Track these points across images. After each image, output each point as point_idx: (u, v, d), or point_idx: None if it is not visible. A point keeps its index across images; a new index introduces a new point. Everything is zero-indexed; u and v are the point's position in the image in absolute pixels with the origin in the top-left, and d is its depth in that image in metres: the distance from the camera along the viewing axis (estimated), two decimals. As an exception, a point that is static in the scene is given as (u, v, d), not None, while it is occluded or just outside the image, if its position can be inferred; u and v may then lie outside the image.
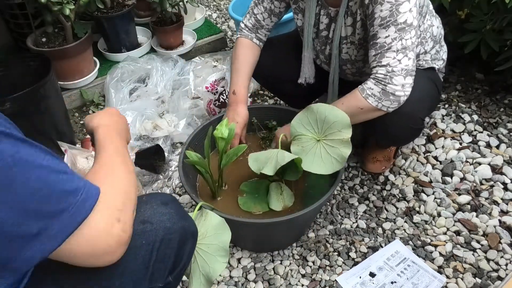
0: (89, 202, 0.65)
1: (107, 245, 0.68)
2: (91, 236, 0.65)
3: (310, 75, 1.53)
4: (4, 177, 0.56)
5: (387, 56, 1.19)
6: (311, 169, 1.24)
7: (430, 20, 1.39)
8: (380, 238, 1.47)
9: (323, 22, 1.40)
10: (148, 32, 2.47)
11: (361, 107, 1.24)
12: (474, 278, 1.32)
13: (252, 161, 1.27)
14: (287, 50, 1.59)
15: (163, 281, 0.85)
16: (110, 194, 0.71)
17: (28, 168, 0.58)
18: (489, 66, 1.91)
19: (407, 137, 1.46)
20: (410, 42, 1.19)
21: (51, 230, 0.61)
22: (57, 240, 0.62)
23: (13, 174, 0.56)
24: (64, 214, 0.62)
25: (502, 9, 1.66)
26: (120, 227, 0.69)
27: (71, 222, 0.63)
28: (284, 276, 1.39)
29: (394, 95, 1.20)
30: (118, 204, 0.71)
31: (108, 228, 0.67)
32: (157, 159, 1.75)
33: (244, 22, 1.53)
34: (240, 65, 1.49)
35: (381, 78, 1.20)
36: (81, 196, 0.64)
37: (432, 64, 1.45)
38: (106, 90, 2.10)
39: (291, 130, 1.32)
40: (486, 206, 1.51)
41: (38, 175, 0.59)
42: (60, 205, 0.62)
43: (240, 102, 1.46)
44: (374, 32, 1.22)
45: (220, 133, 1.34)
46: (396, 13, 1.17)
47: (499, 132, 1.76)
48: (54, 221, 0.61)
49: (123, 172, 0.80)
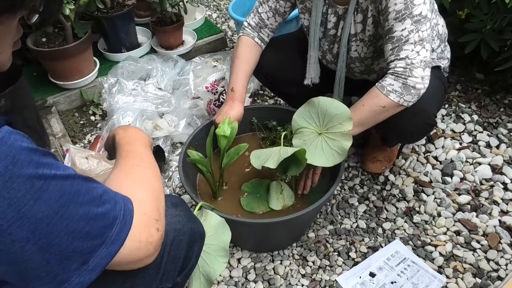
0: (124, 232, 0.65)
1: (147, 254, 0.69)
2: (132, 249, 0.67)
3: (316, 75, 1.53)
4: (48, 223, 0.56)
5: (405, 49, 1.19)
6: (312, 161, 1.25)
7: (436, 19, 1.39)
8: (380, 238, 1.47)
9: (331, 21, 1.40)
10: (148, 32, 2.47)
11: (383, 105, 1.23)
12: (474, 278, 1.32)
13: (254, 158, 1.27)
14: (291, 50, 1.58)
15: (172, 281, 0.86)
16: (146, 204, 0.72)
17: (71, 211, 0.58)
18: (489, 66, 1.91)
19: (420, 133, 1.45)
20: (426, 34, 1.19)
21: (89, 265, 0.62)
22: (95, 272, 0.63)
23: (57, 220, 0.57)
24: (102, 247, 0.63)
25: (502, 9, 1.66)
26: (159, 235, 0.71)
27: (109, 253, 0.64)
28: (284, 276, 1.39)
29: (415, 88, 1.20)
30: (155, 214, 0.72)
31: (148, 240, 0.69)
32: (158, 160, 1.74)
33: (247, 21, 1.52)
34: (240, 64, 1.48)
35: (400, 72, 1.19)
36: (116, 227, 0.65)
37: (438, 63, 1.45)
38: (106, 90, 2.10)
39: (293, 124, 1.33)
40: (486, 206, 1.51)
41: (80, 216, 0.60)
42: (98, 240, 0.62)
43: (237, 100, 1.46)
44: (389, 27, 1.21)
45: (222, 131, 1.34)
46: (411, 6, 1.17)
47: (499, 132, 1.76)
48: (92, 256, 0.62)
49: (152, 177, 0.80)
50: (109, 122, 1.90)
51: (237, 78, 1.47)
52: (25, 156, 0.54)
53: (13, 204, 0.53)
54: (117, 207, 0.66)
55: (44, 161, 0.57)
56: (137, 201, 0.70)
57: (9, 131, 0.55)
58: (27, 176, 0.54)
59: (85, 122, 2.10)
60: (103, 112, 2.13)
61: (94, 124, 2.09)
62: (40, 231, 0.55)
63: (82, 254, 0.61)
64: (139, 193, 0.73)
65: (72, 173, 0.61)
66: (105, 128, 1.87)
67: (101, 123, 2.04)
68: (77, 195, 0.60)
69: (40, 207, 0.55)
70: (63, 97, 2.14)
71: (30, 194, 0.54)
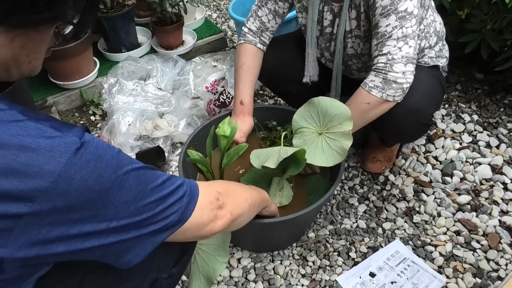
0: (192, 204, 0.75)
1: (209, 219, 0.78)
2: (196, 217, 0.75)
3: (314, 73, 1.53)
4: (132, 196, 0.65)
5: (387, 45, 1.20)
6: (313, 161, 1.25)
7: (433, 16, 1.40)
8: (380, 238, 1.47)
9: (327, 19, 1.40)
10: (148, 32, 2.47)
11: (367, 102, 1.24)
12: (474, 278, 1.32)
13: (254, 157, 1.27)
14: (291, 50, 1.59)
15: (168, 271, 0.88)
16: (212, 182, 0.86)
17: (144, 195, 0.66)
18: (489, 66, 1.91)
19: (417, 132, 1.45)
20: (411, 30, 1.19)
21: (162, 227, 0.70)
22: (165, 235, 0.71)
23: (139, 209, 0.66)
24: (174, 215, 0.71)
25: (502, 9, 1.66)
26: (219, 203, 0.81)
27: (181, 219, 0.72)
28: (284, 276, 1.39)
29: (396, 83, 1.20)
30: (219, 188, 0.84)
31: (209, 206, 0.79)
32: (158, 160, 1.75)
33: (247, 26, 1.50)
34: (245, 74, 1.48)
35: (381, 68, 1.20)
36: (186, 199, 0.73)
37: (437, 62, 1.45)
38: (106, 91, 2.10)
39: (293, 124, 1.33)
40: (486, 206, 1.51)
41: (153, 199, 0.68)
42: (171, 210, 0.70)
43: (248, 113, 1.47)
44: (375, 22, 1.22)
45: (222, 131, 1.34)
46: (396, 2, 1.18)
47: (499, 132, 1.76)
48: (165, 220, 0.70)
49: (239, 188, 0.97)
50: (109, 122, 1.90)
51: (244, 90, 1.47)
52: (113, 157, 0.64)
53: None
54: (184, 185, 0.74)
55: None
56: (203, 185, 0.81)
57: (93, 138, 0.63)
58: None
59: (85, 122, 2.10)
60: (103, 112, 2.13)
61: (94, 124, 2.09)
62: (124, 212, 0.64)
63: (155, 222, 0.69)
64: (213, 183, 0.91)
65: (142, 165, 0.70)
66: (105, 128, 1.87)
67: (101, 123, 2.04)
68: (148, 183, 0.68)
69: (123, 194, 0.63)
70: (63, 97, 2.14)
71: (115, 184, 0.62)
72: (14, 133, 0.55)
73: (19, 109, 0.58)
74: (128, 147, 1.81)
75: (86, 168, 0.58)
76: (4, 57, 0.61)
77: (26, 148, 0.54)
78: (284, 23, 1.58)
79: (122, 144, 1.81)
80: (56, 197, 0.55)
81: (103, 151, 0.61)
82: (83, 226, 0.59)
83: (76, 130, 0.59)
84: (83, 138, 0.59)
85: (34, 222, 0.55)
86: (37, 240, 0.57)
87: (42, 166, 0.54)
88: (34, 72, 0.68)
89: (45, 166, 0.54)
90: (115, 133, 1.84)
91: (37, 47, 0.65)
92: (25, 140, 0.54)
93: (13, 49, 0.61)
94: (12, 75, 0.65)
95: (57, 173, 0.55)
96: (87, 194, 0.58)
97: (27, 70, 0.66)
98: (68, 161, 0.56)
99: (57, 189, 0.55)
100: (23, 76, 0.67)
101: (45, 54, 0.68)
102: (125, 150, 1.80)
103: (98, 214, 0.60)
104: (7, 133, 0.54)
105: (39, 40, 0.64)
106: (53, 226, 0.57)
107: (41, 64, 0.69)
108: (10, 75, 0.65)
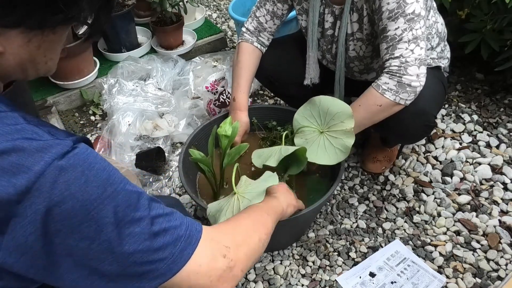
0: (188, 251, 0.65)
1: (207, 282, 0.66)
2: (189, 272, 0.65)
3: (315, 75, 1.53)
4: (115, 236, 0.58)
5: (399, 48, 1.19)
6: (315, 160, 1.25)
7: (435, 17, 1.40)
8: (380, 238, 1.47)
9: (328, 21, 1.40)
10: (148, 32, 2.47)
11: (379, 104, 1.23)
12: (474, 278, 1.32)
13: (256, 157, 1.28)
14: (292, 51, 1.58)
15: None
16: (220, 230, 0.74)
17: (131, 233, 0.59)
18: (489, 66, 1.91)
19: (420, 134, 1.45)
20: (420, 32, 1.19)
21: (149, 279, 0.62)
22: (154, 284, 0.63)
23: (122, 235, 0.59)
24: (163, 262, 0.62)
25: (502, 9, 1.66)
26: (225, 263, 0.69)
27: (170, 270, 0.63)
28: (284, 276, 1.39)
29: (410, 86, 1.20)
30: (227, 241, 0.71)
31: (210, 264, 0.67)
32: (158, 160, 1.75)
33: (246, 26, 1.52)
34: (240, 71, 1.48)
35: (395, 71, 1.20)
36: (180, 244, 0.64)
37: (438, 63, 1.45)
38: (106, 91, 2.10)
39: (294, 123, 1.33)
40: (486, 206, 1.51)
41: (140, 232, 0.60)
42: (160, 255, 0.62)
43: (240, 110, 1.47)
44: (383, 26, 1.22)
45: (223, 130, 1.35)
46: (403, 4, 1.17)
47: (499, 132, 1.76)
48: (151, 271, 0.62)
49: (250, 224, 0.83)
50: (109, 122, 1.90)
51: (238, 86, 1.48)
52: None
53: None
54: (183, 227, 0.65)
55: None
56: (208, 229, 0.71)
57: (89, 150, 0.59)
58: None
59: (85, 122, 2.10)
60: (103, 112, 2.13)
61: (94, 124, 2.09)
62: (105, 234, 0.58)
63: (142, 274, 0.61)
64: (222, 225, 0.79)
65: (142, 191, 0.63)
66: (105, 128, 1.87)
67: (101, 123, 2.04)
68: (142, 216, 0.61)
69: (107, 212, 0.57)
70: (63, 97, 2.14)
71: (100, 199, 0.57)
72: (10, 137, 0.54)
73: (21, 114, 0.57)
74: (128, 147, 1.81)
75: (71, 172, 0.54)
76: (21, 57, 0.61)
77: (16, 148, 0.53)
78: (285, 23, 1.58)
79: (122, 144, 1.81)
80: (37, 199, 0.52)
81: (95, 160, 0.57)
82: (65, 239, 0.55)
83: (74, 137, 0.58)
84: (77, 144, 0.57)
85: (20, 226, 0.53)
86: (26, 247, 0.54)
87: (30, 165, 0.52)
88: (50, 72, 0.68)
89: (33, 166, 0.53)
90: (115, 133, 1.84)
91: (53, 48, 0.65)
92: (18, 141, 0.53)
93: (30, 50, 0.61)
94: (29, 75, 0.65)
95: (40, 172, 0.52)
96: (70, 202, 0.54)
97: (43, 70, 0.66)
98: (54, 161, 0.53)
99: (39, 189, 0.52)
100: (39, 76, 0.67)
101: (60, 54, 0.68)
102: (125, 150, 1.80)
103: (80, 230, 0.55)
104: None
105: (55, 41, 0.64)
106: (34, 234, 0.54)
107: (56, 64, 0.68)
108: (27, 75, 0.65)
